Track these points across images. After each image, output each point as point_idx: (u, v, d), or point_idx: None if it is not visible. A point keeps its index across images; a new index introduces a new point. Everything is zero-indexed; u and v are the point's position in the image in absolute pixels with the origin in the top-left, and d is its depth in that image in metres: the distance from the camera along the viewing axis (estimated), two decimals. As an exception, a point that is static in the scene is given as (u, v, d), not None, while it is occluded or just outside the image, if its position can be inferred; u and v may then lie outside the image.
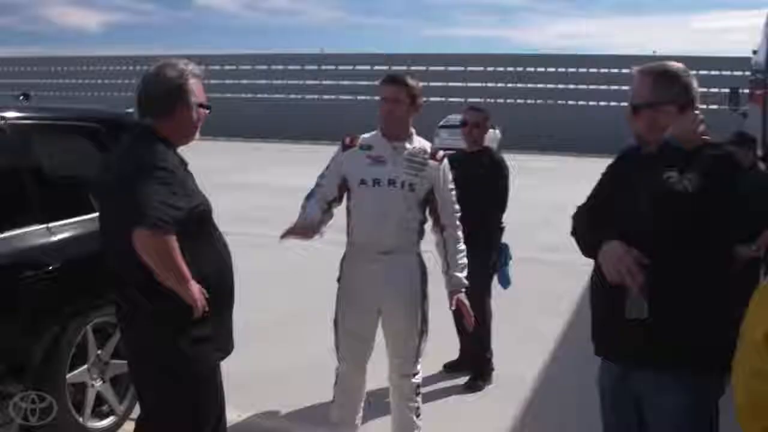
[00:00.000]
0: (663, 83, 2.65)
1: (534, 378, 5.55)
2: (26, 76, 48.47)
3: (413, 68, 41.72)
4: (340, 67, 44.01)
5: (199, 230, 2.88)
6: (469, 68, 41.22)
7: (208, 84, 3.15)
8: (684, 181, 2.44)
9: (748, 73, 32.94)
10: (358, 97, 42.75)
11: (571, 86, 39.99)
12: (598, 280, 2.67)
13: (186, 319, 2.78)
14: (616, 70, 38.54)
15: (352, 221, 3.90)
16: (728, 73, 34.29)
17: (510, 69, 41.23)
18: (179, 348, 2.83)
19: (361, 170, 3.81)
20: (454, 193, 3.99)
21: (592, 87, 39.65)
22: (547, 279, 8.43)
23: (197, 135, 3.06)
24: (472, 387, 5.28)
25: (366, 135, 3.96)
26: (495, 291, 5.49)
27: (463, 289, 3.92)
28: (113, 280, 2.97)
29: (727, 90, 19.09)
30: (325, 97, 43.98)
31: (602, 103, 39.11)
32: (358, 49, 50.12)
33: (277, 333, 6.31)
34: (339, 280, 3.97)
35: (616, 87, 38.03)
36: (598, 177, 2.84)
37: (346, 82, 43.92)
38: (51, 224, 3.87)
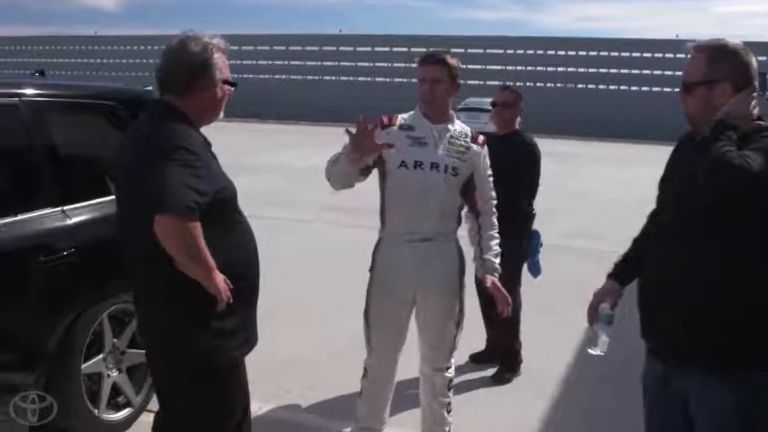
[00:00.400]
0: (719, 59, 2.49)
1: (563, 370, 5.38)
2: (42, 55, 48.48)
3: (432, 50, 41.62)
4: (359, 49, 43.71)
5: (223, 215, 2.69)
6: (489, 51, 40.81)
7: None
8: (744, 156, 2.25)
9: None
10: (377, 79, 42.62)
11: (592, 70, 39.45)
12: (643, 275, 2.64)
13: (208, 311, 2.60)
14: (637, 54, 38.19)
15: (389, 206, 3.67)
16: (760, 58, 33.66)
17: (530, 52, 40.83)
18: (198, 342, 2.65)
19: (401, 151, 3.55)
20: (491, 179, 3.80)
21: (613, 71, 39.10)
22: (573, 266, 8.18)
23: (221, 114, 2.86)
24: (499, 379, 5.11)
25: (405, 115, 3.73)
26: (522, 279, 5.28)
27: (497, 275, 3.72)
28: (130, 268, 2.79)
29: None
30: (343, 78, 43.74)
31: (623, 88, 38.67)
32: (376, 31, 49.81)
33: (298, 319, 6.15)
34: (371, 269, 3.76)
35: (637, 71, 37.73)
36: (621, 162, 2.70)
37: (364, 64, 43.63)
38: (66, 207, 3.69)
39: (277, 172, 16.69)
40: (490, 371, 5.19)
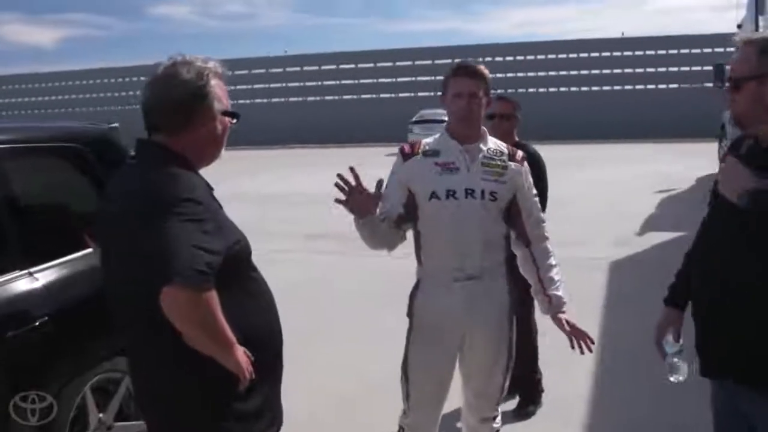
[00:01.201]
0: None
1: (586, 392, 5.05)
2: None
3: (379, 65, 41.71)
4: (306, 68, 43.32)
5: (237, 276, 2.25)
6: (437, 61, 40.68)
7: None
8: None
9: (731, 49, 33.39)
10: (326, 98, 42.28)
11: (537, 74, 39.54)
12: (699, 295, 2.55)
13: (229, 393, 2.14)
14: (585, 55, 38.47)
15: (424, 243, 3.24)
16: (709, 50, 34.16)
17: (480, 59, 40.67)
18: (217, 428, 2.18)
19: (430, 181, 3.15)
20: (537, 198, 3.38)
21: (573, 73, 39.20)
22: (568, 277, 7.82)
23: (222, 151, 2.41)
24: (523, 413, 4.71)
25: (428, 139, 3.32)
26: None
27: (565, 310, 3.30)
28: (123, 329, 2.32)
29: (709, 67, 19.01)
30: (291, 99, 43.29)
31: (584, 89, 38.85)
32: (321, 50, 49.50)
33: (295, 365, 5.61)
34: (409, 314, 3.30)
35: (597, 71, 38.03)
36: (601, 163, 2.45)
37: (311, 83, 43.25)
38: (33, 268, 3.18)
39: (245, 200, 15.95)
40: (512, 404, 4.74)
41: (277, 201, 15.68)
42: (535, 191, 3.36)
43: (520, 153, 3.36)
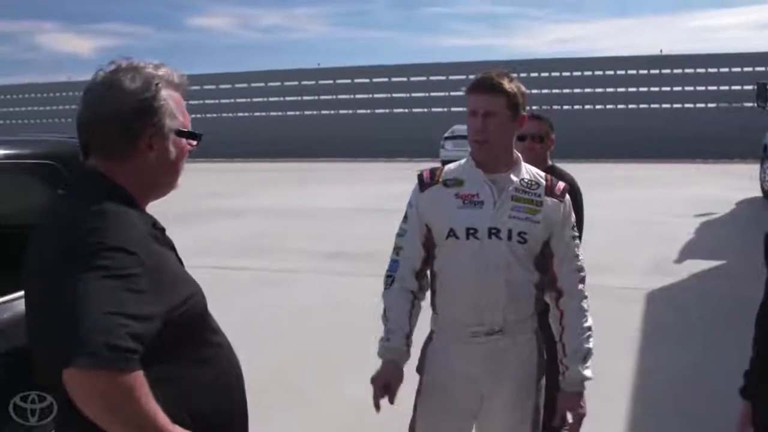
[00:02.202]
0: None
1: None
2: (17, 104, 47.73)
3: (413, 79, 41.34)
4: (339, 81, 43.09)
5: (188, 342, 1.78)
6: (471, 77, 40.24)
7: (201, 104, 2.05)
8: None
9: None
10: (359, 111, 42.01)
11: (572, 90, 38.89)
12: None
13: None
14: (622, 72, 37.81)
15: (440, 289, 2.77)
16: (750, 69, 33.43)
17: (514, 75, 40.18)
18: None
19: (448, 216, 2.68)
20: (578, 242, 2.84)
21: (610, 90, 38.49)
22: (605, 309, 7.35)
23: (178, 181, 1.96)
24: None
25: (452, 165, 2.85)
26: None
27: (580, 392, 2.77)
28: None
29: (750, 87, 18.50)
30: (324, 112, 43.07)
31: (609, 107, 38.12)
32: (355, 63, 49.28)
33: (297, 404, 5.17)
34: (419, 370, 2.85)
35: (634, 89, 37.36)
36: (636, 184, 2.04)
37: (344, 97, 43.00)
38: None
39: (257, 215, 15.46)
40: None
41: (303, 216, 15.29)
42: (575, 233, 2.83)
43: (561, 185, 2.82)
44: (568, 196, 2.80)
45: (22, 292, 2.84)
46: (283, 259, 10.62)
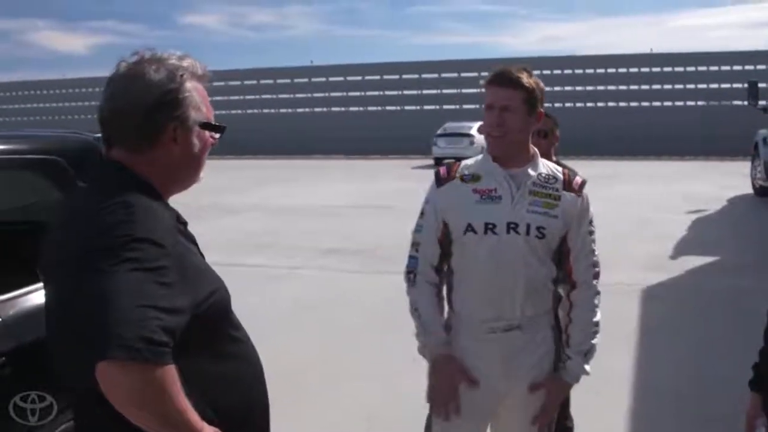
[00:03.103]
0: None
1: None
2: (11, 101, 47.54)
3: (405, 77, 41.31)
4: (331, 79, 43.03)
5: (211, 337, 1.76)
6: (463, 74, 40.25)
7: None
8: None
9: (762, 66, 32.78)
10: (351, 109, 41.97)
11: (563, 88, 38.92)
12: None
13: None
14: (612, 70, 37.85)
15: (457, 284, 2.76)
16: (740, 67, 33.56)
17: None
18: None
19: (466, 211, 2.66)
20: (594, 237, 2.82)
21: (600, 88, 38.52)
22: (602, 305, 7.34)
23: (201, 174, 1.93)
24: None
25: (470, 161, 2.83)
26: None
27: (572, 384, 2.80)
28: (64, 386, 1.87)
29: (740, 85, 18.59)
30: (317, 109, 43.01)
31: (600, 104, 38.17)
32: (347, 61, 49.21)
33: (304, 398, 5.14)
34: None
35: (625, 87, 37.37)
36: (628, 181, 2.05)
37: (337, 94, 42.95)
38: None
39: (259, 212, 15.56)
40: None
41: (297, 213, 15.30)
42: (593, 228, 2.81)
43: (578, 179, 2.80)
44: (585, 191, 2.79)
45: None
46: (281, 255, 10.63)
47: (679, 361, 5.83)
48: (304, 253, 10.71)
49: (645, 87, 37.14)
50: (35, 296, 2.85)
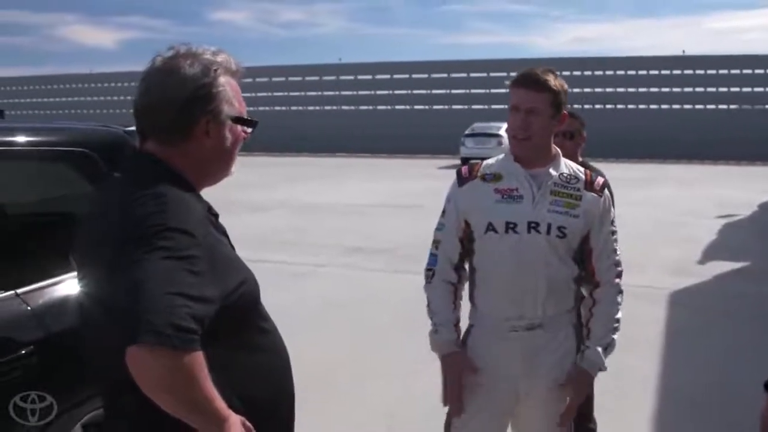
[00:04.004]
0: None
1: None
2: (38, 95, 48.09)
3: (433, 76, 41.28)
4: (359, 77, 43.11)
5: (240, 327, 1.79)
6: (491, 74, 40.14)
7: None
8: None
9: None
10: (379, 107, 42.01)
11: (593, 90, 38.66)
12: None
13: None
14: (643, 72, 37.56)
15: (479, 283, 2.77)
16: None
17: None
18: None
19: (487, 210, 2.68)
20: (616, 237, 2.82)
21: (631, 90, 38.23)
22: (627, 308, 7.28)
23: (233, 168, 1.96)
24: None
25: (491, 160, 2.84)
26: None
27: (593, 374, 2.77)
28: (94, 378, 1.91)
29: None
30: (344, 107, 43.11)
31: (631, 107, 37.89)
32: (376, 59, 49.19)
33: (332, 396, 5.15)
34: None
35: (656, 89, 37.13)
36: (658, 184, 2.01)
37: (365, 92, 43.02)
38: (21, 289, 2.82)
39: (285, 209, 15.65)
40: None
41: (323, 210, 15.35)
42: (615, 228, 2.81)
43: (600, 180, 2.81)
44: (607, 191, 2.79)
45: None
46: (306, 252, 10.67)
47: (703, 366, 5.77)
48: (328, 251, 10.73)
49: (676, 89, 36.83)
50: (63, 287, 2.91)
